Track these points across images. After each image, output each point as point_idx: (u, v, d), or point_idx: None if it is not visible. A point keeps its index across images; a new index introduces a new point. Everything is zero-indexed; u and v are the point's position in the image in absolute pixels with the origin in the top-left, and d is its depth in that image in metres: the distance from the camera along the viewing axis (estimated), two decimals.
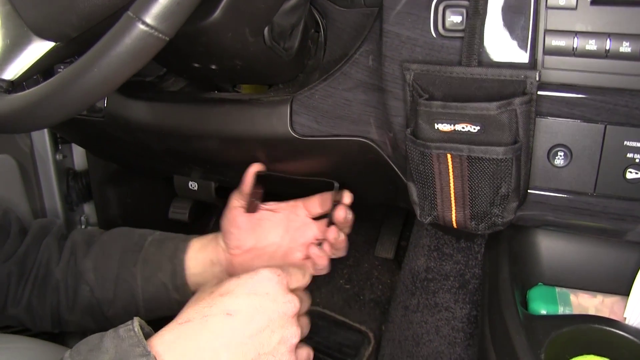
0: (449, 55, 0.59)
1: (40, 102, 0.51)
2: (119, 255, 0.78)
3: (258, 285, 0.57)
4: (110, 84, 0.49)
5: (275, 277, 0.58)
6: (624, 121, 0.57)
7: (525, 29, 0.56)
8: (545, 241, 0.71)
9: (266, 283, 0.58)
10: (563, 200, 0.61)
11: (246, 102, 0.73)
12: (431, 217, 0.64)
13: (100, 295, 0.77)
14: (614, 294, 0.68)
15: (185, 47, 0.65)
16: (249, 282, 0.58)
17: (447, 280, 0.92)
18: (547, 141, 0.59)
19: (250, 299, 0.56)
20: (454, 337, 0.90)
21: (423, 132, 0.59)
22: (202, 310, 0.55)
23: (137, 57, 0.48)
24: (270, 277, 0.58)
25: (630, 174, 0.58)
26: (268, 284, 0.58)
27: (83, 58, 0.49)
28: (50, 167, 1.08)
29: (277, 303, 0.57)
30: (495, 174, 0.58)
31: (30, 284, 0.77)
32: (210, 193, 0.95)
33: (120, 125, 0.81)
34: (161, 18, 0.46)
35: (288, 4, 0.66)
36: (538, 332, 0.60)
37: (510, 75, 0.56)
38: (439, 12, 0.59)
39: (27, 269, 0.77)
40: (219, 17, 0.59)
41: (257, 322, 0.55)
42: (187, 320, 0.54)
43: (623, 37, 0.54)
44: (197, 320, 0.54)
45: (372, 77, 0.66)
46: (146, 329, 0.54)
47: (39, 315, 0.78)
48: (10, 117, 0.54)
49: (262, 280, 0.58)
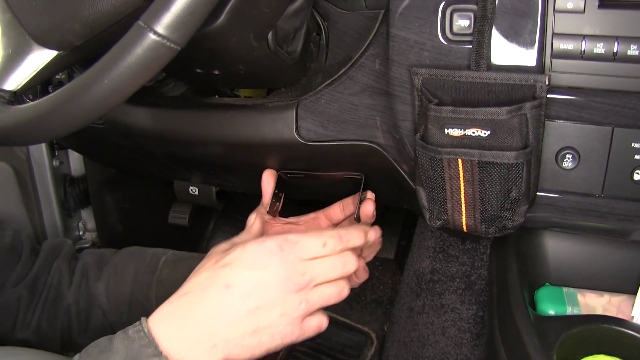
0: (457, 60, 0.59)
1: (48, 114, 0.50)
2: (132, 277, 0.76)
3: (261, 259, 0.56)
4: (121, 95, 0.49)
5: (278, 252, 0.57)
6: (632, 123, 0.57)
7: (533, 32, 0.56)
8: (551, 242, 0.71)
9: (268, 257, 0.56)
10: (571, 202, 0.62)
11: (251, 108, 0.72)
12: (441, 222, 0.64)
13: (114, 318, 0.76)
14: (620, 293, 0.68)
15: (189, 53, 0.64)
16: (252, 254, 0.57)
17: (453, 282, 0.93)
18: (555, 144, 0.60)
19: (251, 272, 0.55)
20: (461, 338, 0.90)
21: (433, 137, 0.59)
22: (202, 282, 0.55)
23: (149, 68, 0.47)
24: (273, 251, 0.57)
25: (637, 175, 0.59)
26: (271, 259, 0.56)
27: (93, 69, 0.48)
28: (47, 173, 1.06)
29: (278, 279, 0.56)
30: (506, 178, 0.58)
31: (40, 307, 0.75)
32: (212, 197, 0.95)
33: (121, 132, 0.80)
34: (173, 28, 0.46)
35: (292, 7, 0.66)
36: (549, 333, 0.60)
37: (519, 79, 0.56)
38: (447, 16, 0.59)
39: (37, 292, 0.75)
40: (224, 22, 0.58)
41: (256, 297, 0.55)
42: (186, 292, 0.55)
43: (631, 40, 0.54)
44: (196, 292, 0.54)
45: (379, 81, 0.65)
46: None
47: (49, 339, 0.76)
48: (15, 129, 0.53)
49: (265, 254, 0.57)
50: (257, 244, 0.58)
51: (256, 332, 0.56)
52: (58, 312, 0.76)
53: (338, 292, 0.61)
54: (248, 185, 0.93)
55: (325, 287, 0.60)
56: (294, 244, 0.58)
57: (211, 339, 0.54)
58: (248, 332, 0.55)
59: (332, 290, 0.60)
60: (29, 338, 0.75)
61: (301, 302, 0.57)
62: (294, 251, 0.58)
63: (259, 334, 0.56)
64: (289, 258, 0.57)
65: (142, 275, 0.76)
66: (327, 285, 0.60)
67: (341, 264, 0.60)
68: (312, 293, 0.59)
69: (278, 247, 0.57)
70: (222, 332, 0.54)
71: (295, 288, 0.57)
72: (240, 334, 0.55)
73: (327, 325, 0.63)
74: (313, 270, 0.58)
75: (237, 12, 0.58)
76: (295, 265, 0.57)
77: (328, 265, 0.59)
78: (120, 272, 0.77)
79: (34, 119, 0.51)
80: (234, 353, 0.55)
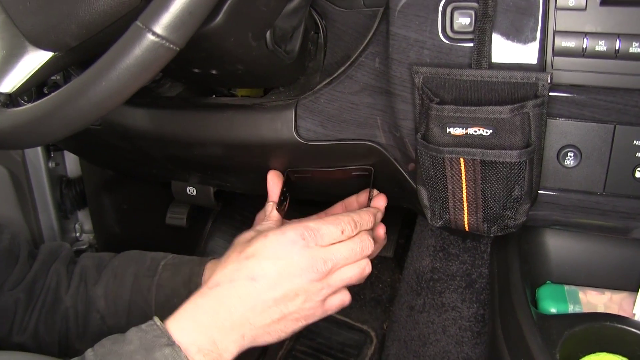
0: (458, 58, 0.59)
1: (45, 117, 0.49)
2: (132, 281, 0.76)
3: (282, 249, 0.59)
4: (119, 97, 0.48)
5: (299, 241, 0.59)
6: (634, 121, 0.57)
7: (534, 30, 0.56)
8: (552, 240, 0.71)
9: (290, 247, 0.59)
10: (573, 200, 0.62)
11: (249, 107, 0.72)
12: (442, 221, 0.64)
13: (112, 323, 0.75)
14: (622, 290, 0.68)
15: (187, 53, 0.63)
16: (274, 244, 0.59)
17: (454, 280, 0.93)
18: (557, 142, 0.60)
19: (274, 263, 0.58)
20: (461, 337, 0.90)
21: (435, 136, 0.58)
22: (230, 274, 0.58)
23: (147, 69, 0.46)
24: (295, 240, 0.59)
25: (639, 173, 0.58)
26: (292, 248, 0.59)
27: (90, 70, 0.47)
28: (43, 175, 1.05)
29: (301, 268, 0.58)
30: (508, 177, 0.57)
31: (37, 311, 0.74)
32: (210, 198, 0.94)
33: (118, 133, 0.79)
34: (172, 28, 0.45)
35: (290, 6, 0.65)
36: (552, 332, 0.60)
37: (521, 77, 0.55)
38: (447, 14, 0.58)
39: (35, 296, 0.75)
40: (222, 21, 0.58)
41: (281, 286, 0.58)
42: (216, 285, 0.58)
43: (633, 37, 0.54)
44: (225, 284, 0.58)
45: (379, 80, 0.65)
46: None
47: (46, 343, 0.75)
48: (11, 133, 0.52)
49: (286, 244, 0.59)
50: (279, 234, 0.60)
51: (282, 318, 0.59)
52: (56, 316, 0.75)
53: (360, 272, 0.64)
54: (247, 185, 0.92)
55: (347, 269, 0.63)
56: (314, 231, 0.60)
57: (241, 329, 0.57)
58: (275, 319, 0.59)
59: (353, 272, 0.63)
60: (26, 342, 0.74)
61: (323, 288, 0.60)
62: (315, 239, 0.60)
63: (285, 320, 0.60)
64: (310, 246, 0.60)
65: (141, 279, 0.76)
66: (349, 267, 0.63)
67: (360, 247, 0.63)
68: (334, 277, 0.62)
69: (299, 236, 0.60)
70: (251, 321, 0.57)
71: (317, 276, 0.59)
72: (268, 322, 0.58)
73: (349, 300, 0.66)
74: (334, 256, 0.61)
75: (235, 11, 0.58)
76: (317, 253, 0.60)
77: (348, 249, 0.62)
78: (120, 276, 0.76)
79: (30, 123, 0.51)
80: (261, 339, 0.59)
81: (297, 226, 0.61)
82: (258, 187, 0.77)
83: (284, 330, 0.61)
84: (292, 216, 0.78)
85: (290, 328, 0.61)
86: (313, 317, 0.63)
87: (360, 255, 0.63)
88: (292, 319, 0.60)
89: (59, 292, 0.76)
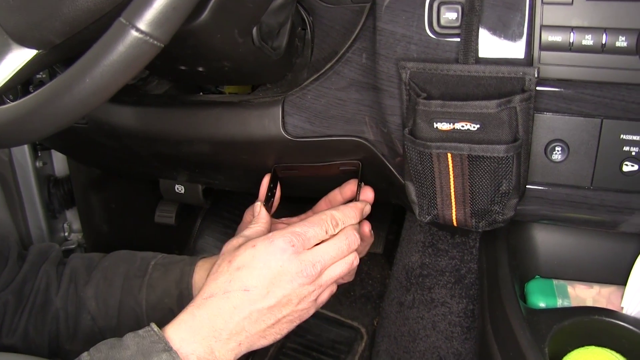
0: (445, 53, 0.59)
1: (29, 115, 0.49)
2: (122, 281, 0.75)
3: (272, 259, 0.59)
4: (103, 94, 0.47)
5: (288, 248, 0.60)
6: (621, 115, 0.57)
7: (521, 24, 0.56)
8: (541, 234, 0.72)
9: (280, 255, 0.59)
10: (561, 195, 0.62)
11: (236, 104, 0.71)
12: (430, 216, 0.64)
13: (103, 323, 0.74)
14: (610, 284, 0.69)
15: (173, 50, 0.62)
16: (263, 254, 0.60)
17: (443, 276, 0.93)
18: (544, 136, 0.60)
19: (266, 273, 0.59)
20: (451, 332, 0.90)
21: (422, 131, 0.58)
22: (223, 285, 0.59)
23: (131, 65, 0.46)
24: (284, 249, 0.60)
25: (626, 167, 0.59)
26: (282, 257, 0.59)
27: (74, 67, 0.47)
28: (31, 174, 1.04)
29: (291, 274, 0.59)
30: (496, 171, 0.57)
31: (27, 312, 0.73)
32: (198, 196, 0.94)
33: (105, 132, 0.78)
34: (156, 24, 0.44)
35: (276, 2, 0.65)
36: (540, 326, 0.60)
37: (508, 72, 0.55)
38: (434, 9, 0.58)
39: (24, 297, 0.74)
40: (208, 18, 0.57)
41: (274, 294, 0.59)
42: (210, 295, 0.59)
43: (619, 31, 0.54)
44: (219, 295, 0.58)
45: (366, 75, 0.65)
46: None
47: (36, 345, 0.75)
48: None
49: (275, 253, 0.60)
50: (267, 244, 0.60)
51: (276, 322, 0.61)
52: (46, 317, 0.74)
53: (348, 267, 0.65)
54: (235, 182, 0.92)
55: (335, 267, 0.63)
56: (301, 235, 0.61)
57: (238, 337, 0.58)
58: (270, 324, 0.60)
59: (342, 269, 0.64)
60: (15, 344, 0.74)
61: (314, 289, 0.62)
62: (303, 243, 0.61)
63: (279, 323, 0.61)
64: (299, 252, 0.60)
65: (132, 279, 0.75)
66: (337, 264, 0.63)
67: (346, 244, 0.63)
68: (324, 277, 0.63)
69: (288, 243, 0.60)
70: (247, 329, 0.59)
71: (308, 280, 0.60)
72: (263, 327, 0.60)
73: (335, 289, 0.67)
74: (322, 258, 0.61)
75: (221, 7, 0.57)
76: (306, 257, 0.60)
77: (335, 248, 0.63)
78: (110, 277, 0.75)
79: (14, 121, 0.50)
80: (257, 344, 0.61)
81: (285, 232, 0.61)
82: (246, 184, 0.76)
83: (279, 332, 0.62)
84: (281, 214, 0.77)
85: (285, 330, 0.63)
86: (307, 315, 0.64)
87: (348, 251, 0.64)
88: (286, 321, 0.62)
89: (49, 294, 0.75)
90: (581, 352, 0.61)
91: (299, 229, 0.62)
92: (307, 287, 0.61)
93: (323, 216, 0.64)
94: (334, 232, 0.63)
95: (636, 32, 0.54)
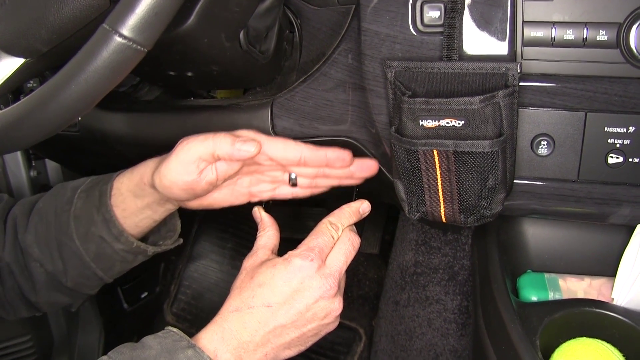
0: (429, 51, 0.59)
1: (16, 123, 0.49)
2: (54, 218, 0.69)
3: (292, 277, 0.60)
4: (89, 100, 0.48)
5: (307, 265, 0.60)
6: (604, 108, 0.57)
7: (503, 21, 0.57)
8: (531, 229, 0.72)
9: (298, 274, 0.60)
10: (548, 188, 0.62)
11: (226, 108, 0.72)
12: (420, 214, 0.64)
13: (51, 268, 0.69)
14: (600, 276, 0.69)
15: (160, 55, 0.64)
16: (283, 273, 0.60)
17: (437, 273, 0.93)
18: (530, 131, 0.60)
19: (287, 290, 0.60)
20: (447, 329, 0.91)
21: (408, 129, 0.59)
22: (247, 300, 0.60)
23: (116, 71, 0.46)
24: (302, 266, 0.60)
25: (611, 159, 0.59)
26: (300, 274, 0.60)
27: (59, 75, 0.47)
28: (25, 184, 1.05)
29: (313, 289, 0.60)
30: (482, 167, 0.58)
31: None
32: None
33: (97, 139, 0.79)
34: (139, 30, 0.45)
35: (262, 6, 0.65)
36: (532, 319, 0.61)
37: (491, 68, 0.56)
38: (417, 8, 0.59)
39: None
40: (194, 23, 0.58)
41: (296, 309, 0.59)
42: (236, 309, 0.60)
43: (599, 25, 0.55)
44: (244, 310, 0.59)
45: (352, 76, 0.65)
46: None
47: (9, 304, 0.72)
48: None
49: (294, 271, 0.60)
50: (285, 264, 0.61)
51: (301, 336, 0.61)
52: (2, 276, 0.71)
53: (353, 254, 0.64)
54: None
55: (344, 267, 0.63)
56: (314, 248, 0.61)
57: (264, 349, 0.59)
58: (294, 337, 0.61)
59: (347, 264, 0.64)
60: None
61: (336, 299, 0.62)
62: (320, 255, 0.61)
63: (304, 337, 0.61)
64: (318, 264, 0.61)
65: (60, 214, 0.69)
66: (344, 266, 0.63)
67: (350, 245, 0.64)
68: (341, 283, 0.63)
69: (306, 258, 0.60)
70: (272, 342, 0.59)
71: (330, 294, 0.60)
72: (287, 340, 0.60)
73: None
74: (336, 266, 0.62)
75: (207, 12, 0.58)
76: (324, 271, 0.61)
77: (343, 253, 0.63)
78: (44, 217, 0.70)
79: (3, 129, 0.50)
80: (282, 355, 0.61)
81: (301, 252, 0.61)
82: None
83: (304, 344, 0.63)
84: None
85: (310, 342, 0.63)
86: (332, 327, 0.64)
87: (354, 251, 0.64)
88: (312, 334, 0.62)
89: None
90: (573, 343, 0.61)
91: (310, 243, 0.62)
92: (331, 300, 0.61)
93: (322, 225, 0.64)
94: (338, 235, 0.64)
95: (616, 26, 0.54)
